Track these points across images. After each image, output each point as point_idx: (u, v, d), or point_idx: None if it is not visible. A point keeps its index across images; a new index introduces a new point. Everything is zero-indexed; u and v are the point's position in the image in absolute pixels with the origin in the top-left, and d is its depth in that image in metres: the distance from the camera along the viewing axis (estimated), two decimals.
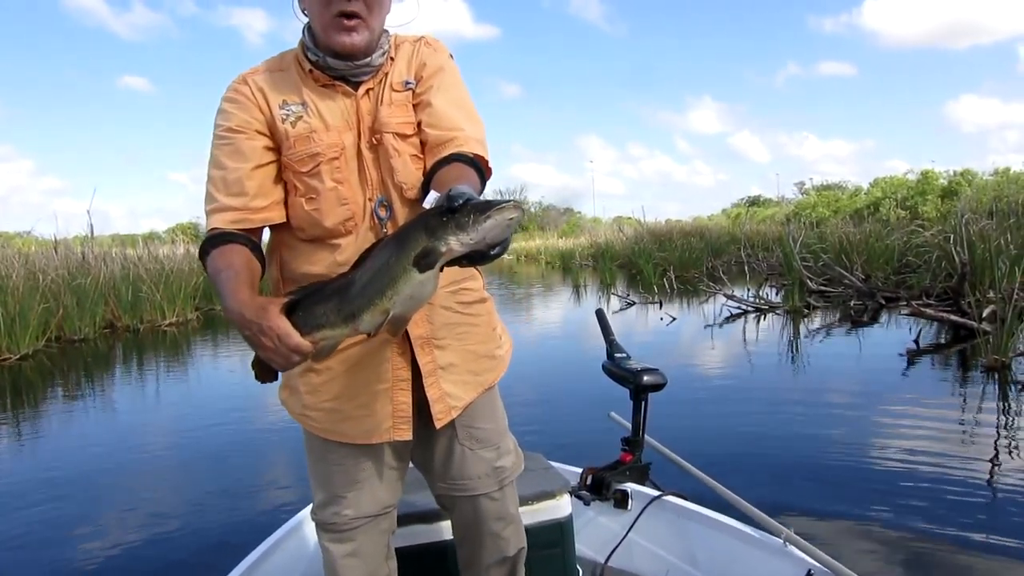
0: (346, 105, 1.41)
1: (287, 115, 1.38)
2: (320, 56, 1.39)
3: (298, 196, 1.39)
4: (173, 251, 15.01)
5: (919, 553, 2.76)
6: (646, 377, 2.39)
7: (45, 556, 3.17)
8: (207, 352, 9.40)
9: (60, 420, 5.87)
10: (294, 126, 1.38)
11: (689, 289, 14.28)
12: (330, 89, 1.41)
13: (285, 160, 1.40)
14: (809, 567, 1.82)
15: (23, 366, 8.22)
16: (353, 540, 1.50)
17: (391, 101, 1.42)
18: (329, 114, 1.39)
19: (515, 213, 1.06)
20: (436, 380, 1.46)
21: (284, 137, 1.38)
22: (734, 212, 38.96)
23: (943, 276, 9.30)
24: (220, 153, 1.39)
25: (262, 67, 1.46)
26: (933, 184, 24.04)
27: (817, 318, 9.85)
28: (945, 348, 7.41)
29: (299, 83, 1.42)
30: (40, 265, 10.61)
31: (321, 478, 1.51)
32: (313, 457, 1.52)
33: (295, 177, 1.39)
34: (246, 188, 1.37)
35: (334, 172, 1.37)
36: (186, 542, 3.23)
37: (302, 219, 1.39)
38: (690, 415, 4.93)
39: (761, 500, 3.13)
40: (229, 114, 1.40)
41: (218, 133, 1.40)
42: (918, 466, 3.73)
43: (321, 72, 1.41)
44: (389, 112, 1.41)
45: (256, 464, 4.45)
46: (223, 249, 1.33)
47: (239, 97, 1.40)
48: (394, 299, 1.12)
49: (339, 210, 1.37)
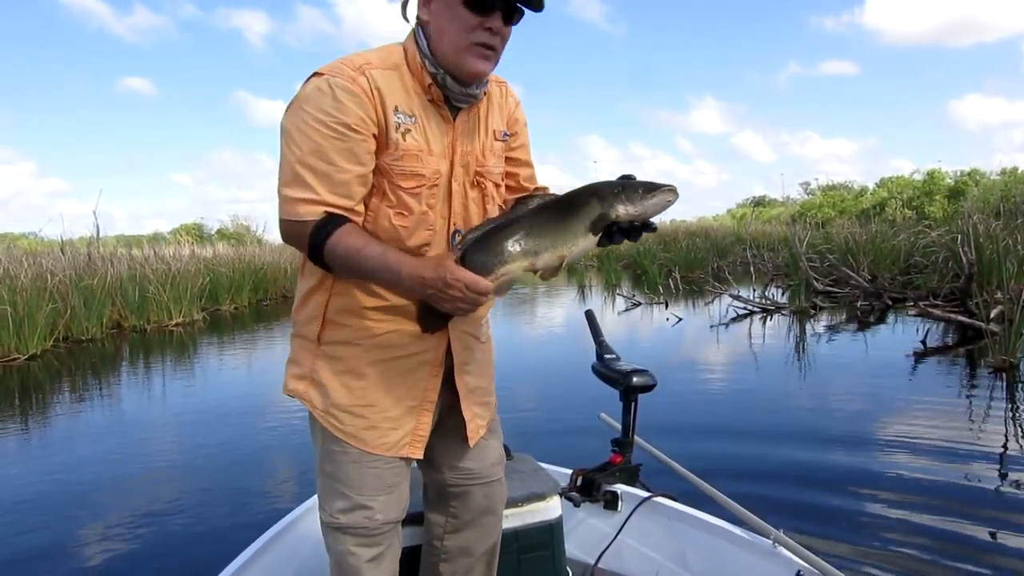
0: (445, 132, 1.41)
1: (399, 123, 1.34)
2: (439, 72, 1.36)
3: (387, 206, 1.36)
4: (178, 252, 15.05)
5: (915, 556, 2.74)
6: (635, 378, 2.38)
7: (53, 551, 3.21)
8: (213, 352, 9.43)
9: (69, 419, 5.90)
10: (404, 138, 1.35)
11: (694, 290, 14.27)
12: (435, 108, 1.39)
13: (384, 166, 1.35)
14: (798, 568, 1.83)
15: (31, 366, 8.25)
16: (380, 545, 1.50)
17: (492, 149, 1.48)
18: (433, 136, 1.39)
19: (675, 196, 1.32)
20: (469, 403, 1.54)
21: (393, 145, 1.34)
22: (739, 212, 38.88)
23: (950, 276, 9.27)
24: (329, 147, 1.30)
25: (375, 60, 1.36)
26: (940, 184, 23.97)
27: (823, 319, 9.83)
28: (952, 349, 7.38)
29: (410, 89, 1.37)
30: (47, 266, 10.65)
31: (350, 482, 1.46)
32: (344, 458, 1.46)
33: (391, 188, 1.35)
34: (353, 193, 1.32)
35: (429, 198, 1.38)
36: (189, 538, 3.27)
37: (383, 230, 1.36)
38: (691, 415, 4.93)
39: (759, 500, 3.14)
40: (345, 107, 1.30)
41: (328, 123, 1.29)
42: (921, 467, 3.71)
43: (438, 89, 1.38)
44: (494, 161, 1.49)
45: (260, 462, 4.47)
46: (345, 229, 1.31)
47: (357, 91, 1.31)
48: (573, 249, 1.31)
49: (423, 233, 1.38)
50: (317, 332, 1.43)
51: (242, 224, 26.99)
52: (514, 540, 1.94)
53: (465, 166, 1.43)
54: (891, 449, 4.04)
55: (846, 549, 2.76)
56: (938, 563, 2.67)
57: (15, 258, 11.23)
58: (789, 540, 1.93)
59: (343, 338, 1.42)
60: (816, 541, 2.71)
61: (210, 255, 15.36)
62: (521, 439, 1.72)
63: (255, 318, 13.01)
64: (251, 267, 15.13)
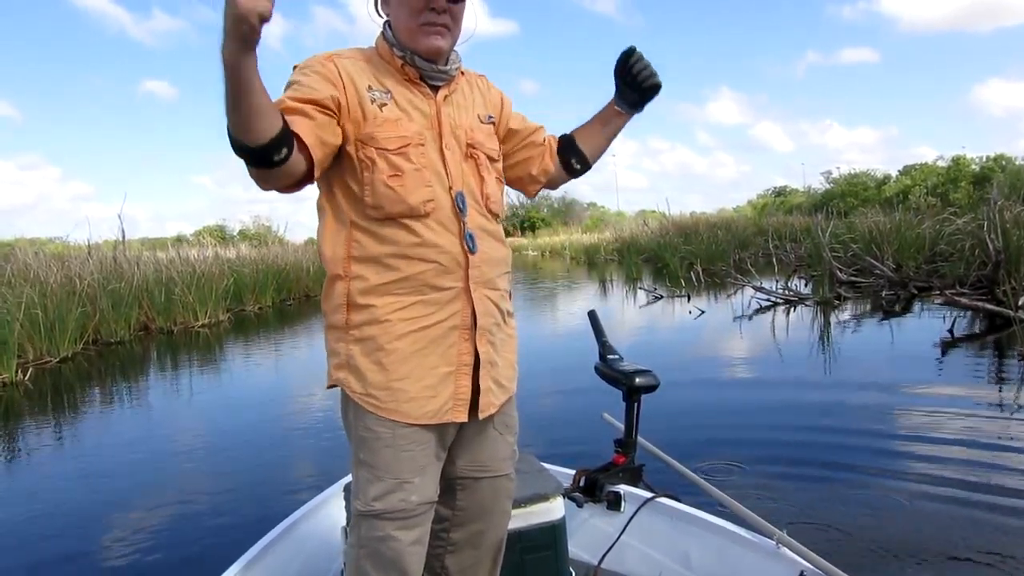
0: (427, 106, 1.52)
1: (374, 98, 1.46)
2: (406, 53, 1.50)
3: (378, 173, 1.44)
4: (202, 253, 15.23)
5: (925, 556, 2.67)
6: (638, 379, 2.38)
7: (74, 542, 3.36)
8: (239, 352, 9.55)
9: (100, 420, 6.03)
10: (381, 110, 1.46)
11: (716, 282, 14.17)
12: (413, 86, 1.52)
13: (367, 135, 1.45)
14: (802, 568, 1.83)
15: (63, 368, 8.42)
16: (419, 526, 1.52)
17: (480, 128, 1.60)
18: (411, 108, 1.50)
19: None
20: (487, 372, 1.55)
21: (371, 116, 1.45)
22: (760, 203, 38.55)
23: (977, 264, 9.13)
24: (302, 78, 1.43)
25: (344, 52, 1.52)
26: (965, 170, 23.59)
27: (847, 309, 9.72)
28: (980, 337, 7.27)
29: (382, 73, 1.51)
30: (76, 270, 10.83)
31: (386, 465, 1.48)
32: (377, 444, 1.48)
33: (378, 154, 1.44)
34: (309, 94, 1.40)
35: (419, 156, 1.47)
36: (207, 534, 3.35)
37: (383, 195, 1.44)
38: (704, 411, 4.91)
39: (762, 499, 3.13)
40: (312, 69, 1.44)
41: (297, 76, 1.44)
42: (941, 462, 3.62)
43: (411, 68, 1.50)
44: (484, 137, 1.59)
45: (284, 457, 4.55)
46: None
47: (326, 72, 1.44)
48: None
49: (422, 190, 1.46)
50: (345, 318, 1.49)
51: (264, 225, 27.30)
52: (517, 540, 1.94)
53: (456, 137, 1.53)
54: (911, 443, 3.96)
55: (850, 549, 2.72)
56: (950, 565, 2.60)
57: (44, 262, 11.44)
58: (792, 541, 1.93)
59: (369, 318, 1.46)
60: (820, 541, 2.69)
61: (233, 256, 15.55)
62: (523, 439, 1.73)
63: (279, 318, 13.15)
64: (274, 267, 15.29)
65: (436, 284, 1.47)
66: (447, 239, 1.47)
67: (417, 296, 1.46)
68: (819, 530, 2.87)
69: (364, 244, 1.47)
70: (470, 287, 1.50)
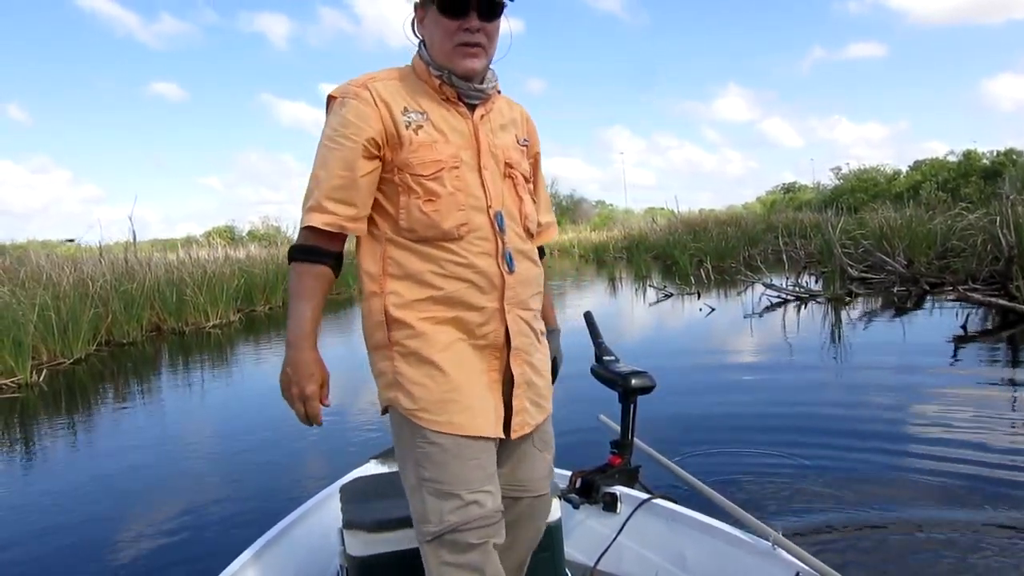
0: (465, 125, 1.52)
1: (409, 121, 1.46)
2: (443, 73, 1.49)
3: (414, 198, 1.45)
4: (212, 254, 15.30)
5: (922, 557, 2.65)
6: (634, 380, 2.37)
7: (90, 540, 3.43)
8: (250, 352, 9.61)
9: (113, 420, 6.09)
10: (417, 133, 1.46)
11: (726, 279, 14.14)
12: (450, 105, 1.52)
13: (403, 161, 1.46)
14: (797, 570, 1.82)
15: (76, 370, 8.49)
16: (498, 534, 1.46)
17: (515, 147, 1.60)
18: (448, 128, 1.50)
19: None
20: (523, 392, 1.54)
21: (406, 141, 1.45)
22: (769, 199, 38.39)
23: (989, 260, 9.06)
24: (330, 156, 1.45)
25: (380, 75, 1.52)
26: (976, 165, 23.42)
27: (859, 306, 9.66)
28: (993, 333, 7.23)
29: (418, 94, 1.51)
30: (88, 272, 10.90)
31: (455, 476, 1.42)
32: (443, 456, 1.42)
33: (413, 180, 1.45)
34: (350, 198, 1.44)
35: (454, 180, 1.46)
36: (215, 531, 3.42)
37: (417, 220, 1.45)
38: (707, 411, 4.89)
39: (759, 501, 3.08)
40: (345, 119, 1.45)
41: (331, 135, 1.46)
42: (946, 462, 3.57)
43: (448, 87, 1.50)
44: (519, 158, 1.60)
45: (293, 459, 4.57)
46: (310, 270, 1.46)
47: (358, 103, 1.45)
48: None
49: (456, 214, 1.45)
50: (386, 335, 1.47)
51: (273, 225, 27.37)
52: None
53: (494, 156, 1.53)
54: (916, 444, 3.91)
55: (846, 550, 2.70)
56: (950, 565, 2.57)
57: (57, 264, 11.52)
58: (788, 542, 1.92)
59: (409, 333, 1.45)
60: (816, 542, 2.68)
61: (243, 256, 15.61)
62: None
63: None
64: (284, 268, 15.25)
65: (471, 303, 1.46)
66: (484, 259, 1.47)
67: (450, 312, 1.46)
68: (816, 531, 2.85)
69: (400, 262, 1.47)
70: (504, 307, 1.49)
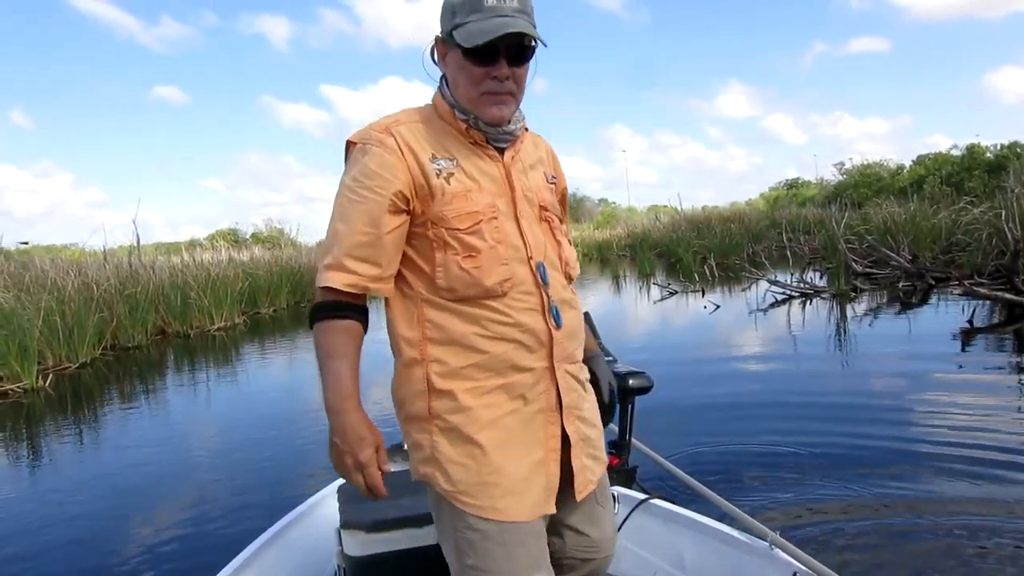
0: (496, 169, 1.40)
1: (439, 169, 1.34)
2: (470, 117, 1.37)
3: (451, 254, 1.33)
4: (216, 257, 15.32)
5: (921, 558, 2.63)
6: (632, 380, 2.36)
7: (99, 541, 3.48)
8: (254, 355, 9.61)
9: (120, 424, 6.08)
10: (448, 182, 1.34)
11: (730, 276, 14.13)
12: (479, 149, 1.39)
13: (436, 215, 1.33)
14: (795, 570, 1.83)
15: (82, 374, 8.49)
16: None
17: (545, 187, 1.49)
18: (480, 175, 1.38)
19: None
20: (579, 452, 1.42)
21: (438, 192, 1.33)
22: (772, 195, 38.33)
23: (995, 254, 9.05)
24: (352, 210, 1.32)
25: (402, 117, 1.39)
26: (979, 159, 23.35)
27: (864, 301, 9.66)
28: (1000, 327, 7.21)
29: (445, 138, 1.38)
30: (93, 276, 10.92)
31: (500, 566, 1.31)
32: (486, 544, 1.32)
33: (450, 234, 1.33)
34: (374, 256, 1.32)
35: (493, 232, 1.34)
36: (217, 530, 3.45)
37: (457, 278, 1.32)
38: (714, 410, 4.87)
39: (757, 501, 3.04)
40: (368, 169, 1.32)
41: (352, 186, 1.33)
42: (957, 461, 3.53)
43: (476, 131, 1.38)
44: (551, 196, 1.49)
45: (299, 460, 4.57)
46: (338, 325, 1.32)
47: (382, 151, 1.33)
48: None
49: (499, 269, 1.33)
50: (426, 407, 1.35)
51: (276, 227, 27.38)
52: None
53: (529, 200, 1.42)
54: (920, 443, 3.86)
55: (844, 550, 2.68)
56: (950, 567, 2.55)
57: (61, 269, 11.54)
58: (786, 542, 1.93)
59: (452, 406, 1.33)
60: (814, 542, 2.67)
61: (247, 259, 15.62)
62: None
63: (294, 320, 13.21)
64: (287, 269, 15.35)
65: (519, 364, 1.34)
66: (529, 316, 1.35)
67: (499, 379, 1.34)
68: (814, 531, 2.84)
69: (439, 324, 1.34)
70: (554, 365, 1.37)
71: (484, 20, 1.29)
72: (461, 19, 1.31)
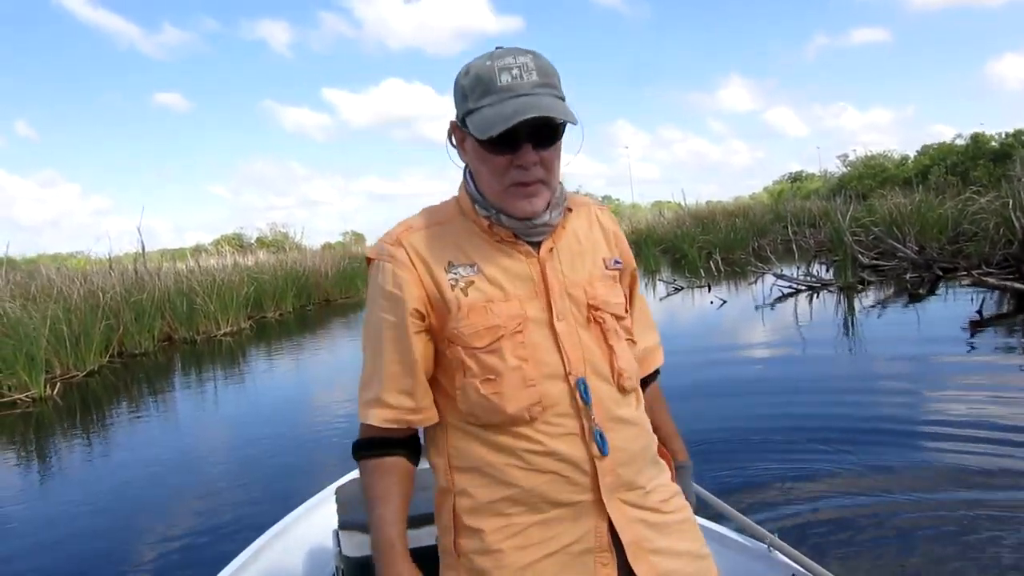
0: (528, 268, 1.19)
1: (456, 279, 1.17)
2: (492, 213, 1.19)
3: (470, 377, 1.16)
4: (221, 262, 15.36)
5: (919, 559, 2.61)
6: None
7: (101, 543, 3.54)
8: (261, 360, 9.62)
9: (127, 431, 6.12)
10: (466, 293, 1.17)
11: (736, 271, 14.08)
12: (508, 247, 1.20)
13: (452, 332, 1.17)
14: (793, 571, 1.82)
15: (90, 382, 8.52)
16: None
17: (602, 278, 1.25)
18: (507, 279, 1.18)
19: None
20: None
21: (455, 306, 1.16)
22: (776, 189, 38.25)
23: (1002, 243, 9.00)
24: (382, 338, 1.20)
25: (419, 223, 1.23)
26: (984, 148, 23.25)
27: (871, 293, 9.61)
28: (1010, 317, 7.16)
29: (466, 239, 1.21)
30: (99, 284, 10.96)
31: None
32: None
33: (467, 354, 1.16)
34: (410, 387, 1.19)
35: (517, 348, 1.15)
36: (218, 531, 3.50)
37: (476, 404, 1.16)
38: (715, 409, 4.84)
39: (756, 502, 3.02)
40: (383, 290, 1.19)
41: (375, 310, 1.21)
42: (959, 459, 3.51)
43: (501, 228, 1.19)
44: (606, 290, 1.24)
45: (304, 462, 4.60)
46: (381, 465, 1.22)
47: (393, 266, 1.19)
48: None
49: (524, 393, 1.14)
50: (452, 541, 1.22)
51: (280, 231, 27.46)
52: None
53: (572, 298, 1.20)
54: (926, 439, 3.83)
55: (843, 551, 2.67)
56: (949, 565, 2.53)
57: (67, 278, 11.58)
58: (784, 544, 1.92)
59: (481, 546, 1.18)
60: (813, 544, 2.65)
61: (252, 264, 15.67)
62: None
63: (300, 324, 13.23)
64: (292, 273, 15.39)
65: (556, 499, 1.15)
66: (566, 442, 1.14)
67: (533, 516, 1.16)
68: (812, 532, 2.82)
69: (464, 451, 1.19)
70: (603, 498, 1.16)
71: (500, 103, 1.10)
72: (473, 103, 1.13)
